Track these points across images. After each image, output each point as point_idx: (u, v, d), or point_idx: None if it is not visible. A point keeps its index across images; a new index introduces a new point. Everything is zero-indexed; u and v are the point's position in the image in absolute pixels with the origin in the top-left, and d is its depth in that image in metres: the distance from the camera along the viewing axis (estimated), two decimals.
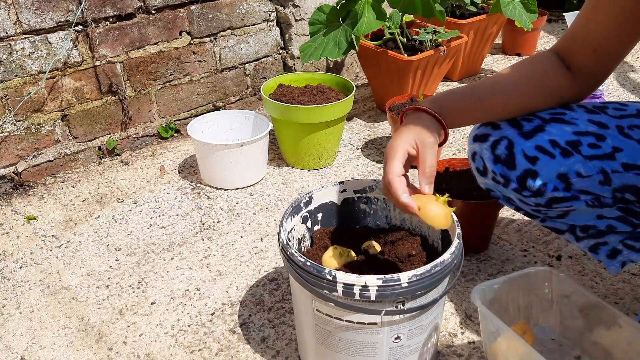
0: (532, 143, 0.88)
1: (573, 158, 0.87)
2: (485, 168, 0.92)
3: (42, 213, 1.50)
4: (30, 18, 1.50)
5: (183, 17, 1.77)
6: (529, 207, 0.94)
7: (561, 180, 0.88)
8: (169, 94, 1.83)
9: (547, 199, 0.89)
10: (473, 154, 0.94)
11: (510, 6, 1.86)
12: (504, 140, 0.90)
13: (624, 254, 0.97)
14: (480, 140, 0.92)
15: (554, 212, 0.94)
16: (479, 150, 0.92)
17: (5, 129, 1.54)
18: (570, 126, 0.89)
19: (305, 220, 1.06)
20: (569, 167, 0.87)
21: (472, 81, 2.25)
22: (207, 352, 1.07)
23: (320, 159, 1.66)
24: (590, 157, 0.87)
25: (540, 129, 0.89)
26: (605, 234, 0.96)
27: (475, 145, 0.93)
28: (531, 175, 0.88)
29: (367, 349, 0.90)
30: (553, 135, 0.88)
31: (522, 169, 0.88)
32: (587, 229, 0.97)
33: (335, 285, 0.83)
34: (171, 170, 1.69)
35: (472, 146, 0.94)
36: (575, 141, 0.88)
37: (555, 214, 0.95)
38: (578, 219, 0.95)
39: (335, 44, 1.72)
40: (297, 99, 1.60)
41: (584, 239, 0.98)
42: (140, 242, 1.38)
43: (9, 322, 1.16)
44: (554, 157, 0.87)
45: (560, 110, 0.92)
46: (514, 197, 0.92)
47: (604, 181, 0.88)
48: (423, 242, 1.06)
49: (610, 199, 0.90)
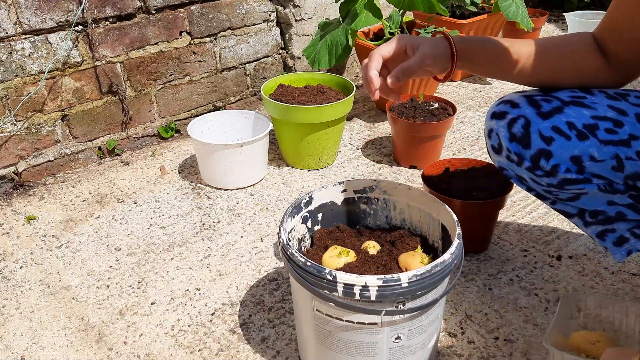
0: (549, 123, 0.88)
1: (588, 141, 0.87)
2: (500, 145, 0.92)
3: (42, 213, 1.50)
4: (31, 18, 1.50)
5: (183, 17, 1.77)
6: (540, 187, 0.94)
7: (574, 162, 0.88)
8: (169, 94, 1.83)
9: (560, 179, 0.90)
10: (489, 130, 0.94)
11: (512, 7, 1.85)
12: (521, 119, 0.90)
13: (631, 242, 0.98)
14: (497, 118, 0.93)
15: (565, 194, 0.94)
16: (495, 128, 0.93)
17: (5, 129, 1.54)
18: (589, 110, 0.89)
19: (305, 221, 1.06)
20: (583, 150, 0.87)
21: (473, 81, 2.25)
22: (207, 352, 1.07)
23: (321, 159, 1.66)
24: (606, 142, 0.87)
25: (559, 110, 0.89)
26: (614, 220, 0.96)
27: (492, 122, 0.94)
28: (545, 155, 0.88)
29: (367, 349, 0.90)
30: (571, 117, 0.88)
31: (536, 148, 0.88)
32: (597, 215, 0.97)
33: (335, 285, 0.83)
34: (171, 171, 1.69)
35: (489, 123, 0.95)
36: (592, 125, 0.88)
37: (567, 196, 0.94)
38: (589, 203, 0.95)
39: (336, 45, 1.71)
40: (297, 99, 1.60)
41: (592, 224, 0.98)
42: (140, 242, 1.38)
43: (9, 322, 1.16)
44: (569, 139, 0.87)
45: (580, 93, 0.92)
46: (527, 176, 0.92)
47: (617, 167, 0.88)
48: (423, 242, 1.06)
49: (622, 186, 0.90)
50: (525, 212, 1.45)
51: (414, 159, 1.65)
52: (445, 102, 1.68)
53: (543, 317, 1.12)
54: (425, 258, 0.99)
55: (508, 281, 1.22)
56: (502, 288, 1.20)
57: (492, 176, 1.32)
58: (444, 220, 1.00)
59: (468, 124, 1.91)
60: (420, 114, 1.62)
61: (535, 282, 1.21)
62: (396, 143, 1.66)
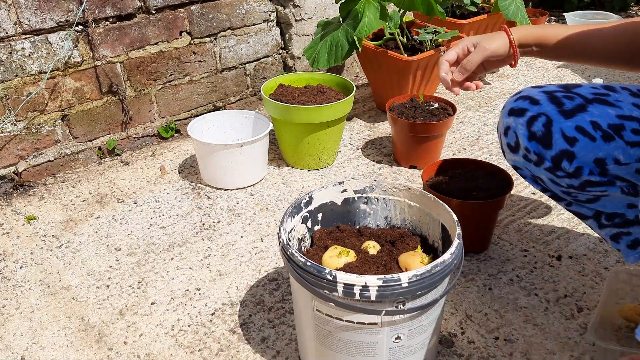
0: (572, 123, 0.84)
1: (614, 143, 0.83)
2: (517, 144, 0.89)
3: (42, 213, 1.50)
4: (31, 18, 1.50)
5: (183, 17, 1.77)
6: (559, 188, 0.90)
7: (597, 165, 0.84)
8: (169, 94, 1.83)
9: (582, 181, 0.86)
10: (506, 128, 0.90)
11: (512, 7, 1.85)
12: (542, 117, 0.86)
13: None
14: (516, 115, 0.89)
15: (585, 195, 0.90)
16: (513, 125, 0.89)
17: (5, 129, 1.54)
18: (614, 109, 0.85)
19: (305, 220, 1.06)
20: (608, 152, 0.83)
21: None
22: (207, 352, 1.07)
23: (321, 159, 1.66)
24: (633, 143, 0.83)
25: (582, 108, 0.85)
26: (632, 224, 0.93)
27: (510, 119, 0.90)
28: (567, 156, 0.84)
29: (368, 349, 0.90)
30: (595, 116, 0.84)
31: (558, 149, 0.84)
32: (613, 217, 0.93)
33: (335, 285, 0.83)
34: (171, 171, 1.69)
35: (506, 120, 0.91)
36: (618, 125, 0.84)
37: (586, 197, 0.91)
38: (608, 205, 0.92)
39: (336, 46, 1.71)
40: (297, 99, 1.60)
41: (607, 227, 0.95)
42: (140, 242, 1.38)
43: (9, 322, 1.16)
44: (594, 140, 0.83)
45: (603, 90, 0.89)
46: (545, 176, 0.89)
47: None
48: (423, 242, 1.06)
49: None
50: (525, 212, 1.45)
51: (414, 159, 1.65)
52: (445, 102, 1.68)
53: (543, 317, 1.12)
54: (425, 258, 0.99)
55: (508, 281, 1.22)
56: (502, 288, 1.20)
57: (492, 176, 1.32)
58: (444, 220, 1.00)
59: (468, 124, 1.91)
60: (420, 114, 1.62)
61: (535, 282, 1.21)
62: (396, 143, 1.66)
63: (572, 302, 1.16)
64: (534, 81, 2.23)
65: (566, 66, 2.36)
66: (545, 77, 2.26)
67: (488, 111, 2.00)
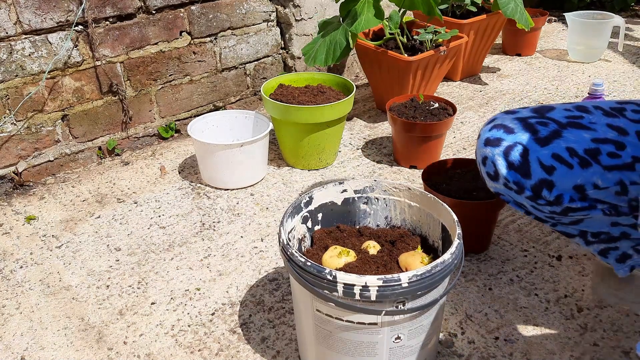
0: (548, 150, 0.85)
1: (592, 168, 0.84)
2: (496, 173, 0.89)
3: (42, 213, 1.50)
4: (31, 18, 1.50)
5: (183, 17, 1.77)
6: (542, 213, 0.91)
7: (577, 191, 0.85)
8: (169, 94, 1.83)
9: (564, 207, 0.87)
10: (484, 158, 0.90)
11: (511, 5, 1.85)
12: (518, 146, 0.86)
13: (634, 259, 0.95)
14: (492, 145, 0.89)
15: (568, 219, 0.91)
16: (490, 155, 0.89)
17: (5, 129, 1.54)
18: (589, 132, 0.86)
19: (305, 220, 1.06)
20: (587, 178, 0.84)
21: (473, 81, 2.25)
22: (207, 352, 1.07)
23: (321, 159, 1.66)
24: (610, 167, 0.84)
25: (557, 134, 0.86)
26: (617, 239, 0.94)
27: (486, 149, 0.90)
28: (547, 185, 0.85)
29: (368, 349, 0.90)
30: (571, 142, 0.85)
31: (537, 178, 0.85)
32: (599, 235, 0.94)
33: (335, 285, 0.83)
34: (171, 170, 1.69)
35: (482, 150, 0.90)
36: (594, 150, 0.84)
37: (569, 220, 0.92)
38: (592, 225, 0.93)
39: (335, 45, 1.71)
40: (297, 99, 1.60)
41: (594, 243, 0.96)
42: (140, 242, 1.38)
43: (9, 322, 1.16)
44: (571, 168, 0.84)
45: (577, 112, 0.89)
46: (527, 204, 0.89)
47: (621, 192, 0.85)
48: (423, 242, 1.06)
49: (626, 208, 0.88)
50: None
51: (414, 159, 1.65)
52: (445, 102, 1.68)
53: (543, 317, 1.12)
54: (425, 258, 0.99)
55: (508, 281, 1.22)
56: (502, 288, 1.20)
57: None
58: (444, 220, 1.00)
59: (468, 124, 1.91)
60: (420, 114, 1.62)
61: (535, 282, 1.21)
62: (396, 143, 1.66)
63: (572, 302, 1.16)
64: (533, 81, 2.23)
65: (566, 66, 2.36)
66: (545, 77, 2.26)
67: (488, 111, 2.00)
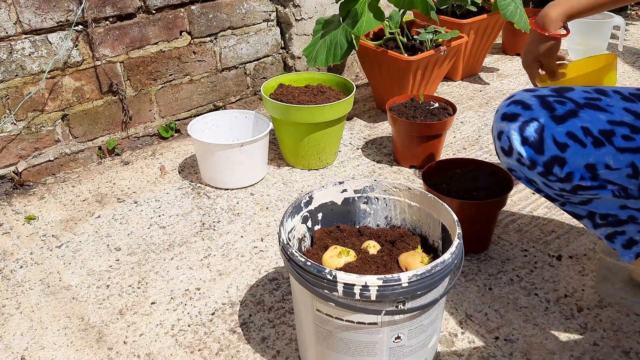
0: (563, 128, 0.86)
1: (605, 149, 0.85)
2: (510, 148, 0.90)
3: (42, 213, 1.50)
4: (31, 18, 1.50)
5: (183, 17, 1.77)
6: (552, 190, 0.92)
7: (588, 170, 0.86)
8: (169, 93, 1.83)
9: (573, 185, 0.88)
10: (499, 132, 0.91)
11: (511, 7, 1.85)
12: (534, 123, 0.87)
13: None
14: (508, 120, 0.90)
15: (577, 198, 0.92)
16: (506, 130, 0.90)
17: (5, 128, 1.54)
18: (605, 114, 0.87)
19: (305, 220, 1.06)
20: (599, 158, 0.85)
21: (473, 81, 2.25)
22: (207, 352, 1.07)
23: (321, 159, 1.66)
24: (623, 149, 0.85)
25: (574, 114, 0.87)
26: (625, 223, 0.95)
27: (502, 124, 0.91)
28: (559, 162, 0.86)
29: (368, 349, 0.90)
30: (586, 122, 0.86)
31: (550, 155, 0.86)
32: (607, 217, 0.95)
33: (335, 285, 0.83)
34: (171, 170, 1.69)
35: (499, 124, 0.92)
36: (609, 131, 0.86)
37: (579, 200, 0.93)
38: (600, 207, 0.94)
39: (335, 45, 1.71)
40: (297, 99, 1.60)
41: (602, 226, 0.97)
42: (140, 242, 1.38)
43: (9, 321, 1.16)
44: (584, 146, 0.85)
45: (595, 95, 0.90)
46: (538, 180, 0.91)
47: (632, 175, 0.86)
48: (423, 242, 1.06)
49: (636, 191, 0.89)
50: (525, 212, 1.45)
51: (414, 159, 1.65)
52: (445, 102, 1.68)
53: (543, 317, 1.12)
54: (425, 258, 0.99)
55: (508, 281, 1.22)
56: (502, 288, 1.20)
57: (492, 176, 1.32)
58: (444, 220, 1.00)
59: (468, 124, 1.91)
60: (420, 114, 1.62)
61: (535, 282, 1.21)
62: (396, 143, 1.66)
63: (572, 302, 1.16)
64: None
65: None
66: None
67: (488, 111, 2.00)
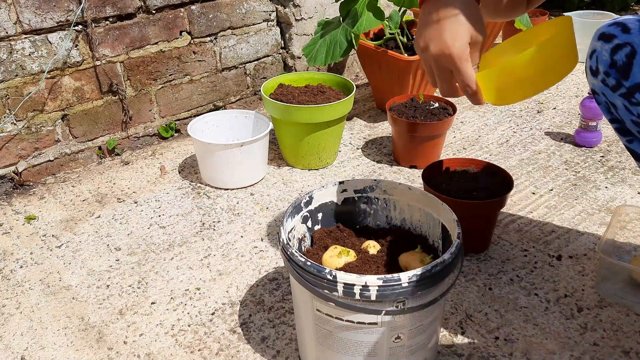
0: None
1: None
2: (597, 69, 0.89)
3: (42, 213, 1.50)
4: (31, 18, 1.50)
5: (183, 16, 1.77)
6: (631, 117, 0.90)
7: None
8: (169, 93, 1.83)
9: None
10: (592, 51, 0.91)
11: None
12: (627, 47, 0.86)
13: None
14: (604, 40, 0.89)
15: None
16: (599, 50, 0.89)
17: (5, 128, 1.54)
18: None
19: (305, 220, 1.06)
20: None
21: None
22: (207, 352, 1.07)
23: (321, 159, 1.66)
24: None
25: None
26: None
27: (597, 43, 0.90)
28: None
29: (368, 349, 0.90)
30: None
31: (634, 82, 0.85)
32: None
33: (335, 285, 0.83)
34: (171, 170, 1.69)
35: (594, 44, 0.91)
36: None
37: None
38: None
39: (335, 45, 1.71)
40: (297, 99, 1.60)
41: None
42: (140, 241, 1.38)
43: (9, 321, 1.16)
44: None
45: None
46: (620, 103, 0.89)
47: None
48: (423, 242, 1.06)
49: None
50: (525, 212, 1.45)
51: (414, 159, 1.65)
52: (445, 102, 1.68)
53: (543, 317, 1.12)
54: (425, 258, 0.99)
55: (508, 281, 1.22)
56: (502, 288, 1.20)
57: (492, 176, 1.32)
58: (444, 220, 1.00)
59: (468, 124, 1.91)
60: (420, 114, 1.62)
61: (535, 282, 1.21)
62: (396, 143, 1.66)
63: (572, 302, 1.16)
64: None
65: None
66: None
67: (488, 111, 2.00)
